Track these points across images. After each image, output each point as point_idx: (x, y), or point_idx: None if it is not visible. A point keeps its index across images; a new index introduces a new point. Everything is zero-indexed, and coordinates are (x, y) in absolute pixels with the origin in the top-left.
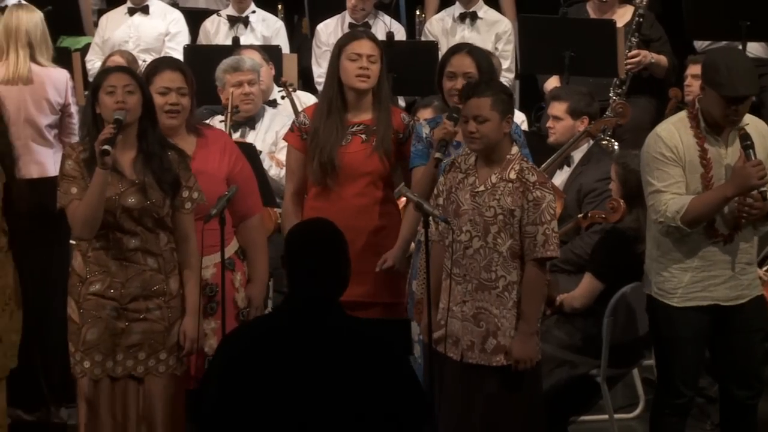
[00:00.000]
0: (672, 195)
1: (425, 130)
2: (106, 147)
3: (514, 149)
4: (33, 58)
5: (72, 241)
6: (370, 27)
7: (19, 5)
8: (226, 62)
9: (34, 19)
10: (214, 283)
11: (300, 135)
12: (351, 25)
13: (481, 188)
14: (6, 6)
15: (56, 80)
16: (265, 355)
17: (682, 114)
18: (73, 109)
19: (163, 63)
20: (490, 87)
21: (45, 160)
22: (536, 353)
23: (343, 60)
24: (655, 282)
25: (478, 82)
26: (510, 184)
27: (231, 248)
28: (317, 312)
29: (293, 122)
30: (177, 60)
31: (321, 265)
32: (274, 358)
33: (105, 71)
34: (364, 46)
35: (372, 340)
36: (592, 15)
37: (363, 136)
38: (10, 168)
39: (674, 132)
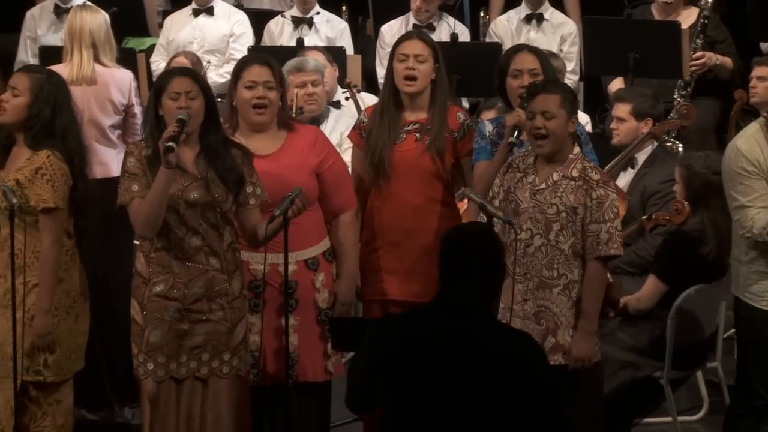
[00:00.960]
0: (758, 209)
1: (488, 128)
2: (171, 144)
3: (576, 149)
4: (97, 59)
5: (135, 242)
6: (434, 28)
7: (83, 6)
8: (290, 63)
9: (98, 19)
10: (293, 280)
11: (360, 134)
12: (415, 27)
13: (542, 186)
14: (71, 7)
15: (120, 81)
16: (416, 350)
17: (757, 124)
18: (137, 109)
19: (252, 58)
20: (559, 85)
21: (108, 161)
22: (595, 353)
23: (394, 61)
24: (743, 285)
25: (547, 80)
26: (573, 182)
27: (320, 247)
28: (471, 314)
29: (356, 121)
30: (266, 55)
31: (480, 267)
32: (427, 355)
33: (168, 74)
34: (411, 47)
35: (521, 350)
36: (657, 16)
37: (417, 134)
38: (80, 168)
39: (754, 144)
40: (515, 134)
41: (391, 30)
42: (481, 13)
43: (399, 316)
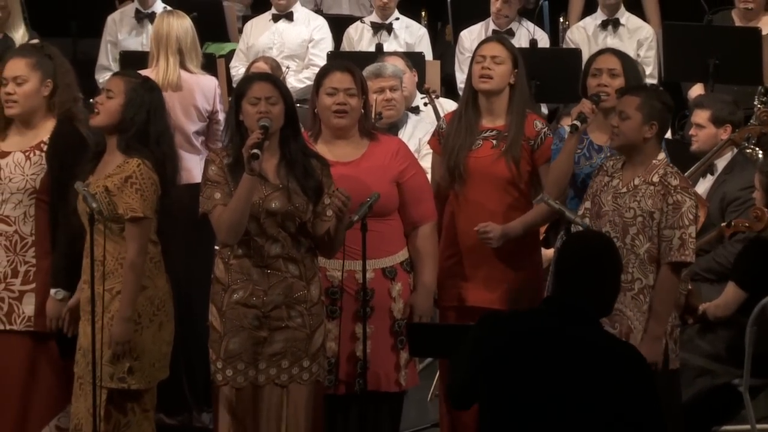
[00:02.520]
0: None
1: (568, 132)
2: (255, 151)
3: (661, 156)
4: (182, 65)
5: (216, 248)
6: (513, 34)
7: (169, 12)
8: (369, 69)
9: (184, 25)
10: (370, 288)
11: (439, 140)
12: (494, 32)
13: (624, 190)
14: (151, 12)
15: (205, 87)
16: (519, 349)
17: None
18: (221, 116)
19: (334, 65)
20: (646, 90)
21: (192, 167)
22: (661, 356)
23: (473, 63)
24: None
25: (638, 84)
26: (652, 187)
27: (398, 257)
28: (582, 321)
29: (435, 128)
30: (348, 62)
31: (597, 278)
32: (532, 356)
33: (248, 79)
34: (489, 49)
35: (629, 359)
36: (737, 22)
37: (493, 141)
38: (171, 174)
39: None
40: (582, 121)
41: (471, 35)
42: (561, 19)
43: (505, 314)
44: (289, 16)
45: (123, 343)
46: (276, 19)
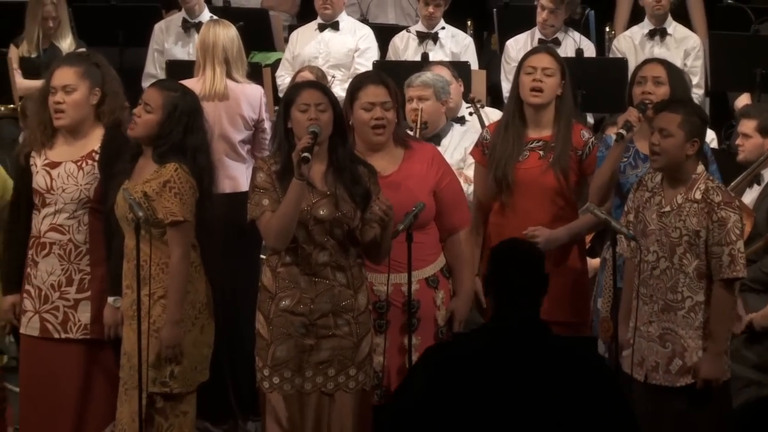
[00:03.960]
0: None
1: (614, 140)
2: (306, 154)
3: (700, 168)
4: (229, 74)
5: (262, 256)
6: (559, 43)
7: (215, 21)
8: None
9: (230, 34)
10: (416, 299)
11: (483, 150)
12: (540, 41)
13: (667, 208)
14: (198, 22)
15: (251, 96)
16: (475, 373)
17: None
18: (267, 124)
19: (368, 78)
20: (685, 106)
21: (238, 175)
22: (724, 373)
23: (521, 74)
24: None
25: (676, 99)
26: (695, 205)
27: (437, 265)
28: (534, 331)
29: (479, 138)
30: (381, 74)
31: (532, 285)
32: (486, 377)
33: (298, 87)
34: (539, 60)
35: (588, 361)
36: None
37: (541, 152)
38: (208, 187)
39: None
40: (626, 129)
41: (517, 45)
42: (607, 28)
43: (452, 340)
44: (335, 26)
45: (173, 346)
46: (322, 28)
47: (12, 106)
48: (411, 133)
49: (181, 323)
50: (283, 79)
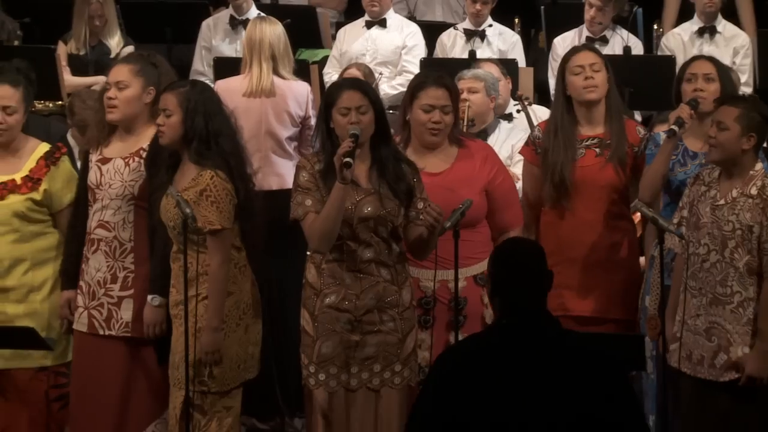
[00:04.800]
0: None
1: (663, 138)
2: (348, 159)
3: (758, 166)
4: (275, 71)
5: (308, 252)
6: (607, 41)
7: (262, 18)
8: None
9: (276, 31)
10: (463, 297)
11: (534, 149)
12: (588, 39)
13: (722, 202)
14: (246, 19)
15: (297, 93)
16: (485, 370)
17: None
18: (313, 121)
19: (430, 79)
20: (746, 101)
21: (284, 172)
22: None
23: (568, 75)
24: None
25: (737, 95)
26: (750, 200)
27: (486, 263)
28: (539, 325)
29: (529, 136)
30: (444, 76)
31: (536, 280)
32: (495, 373)
33: (338, 87)
34: (584, 58)
35: (593, 354)
36: None
37: (597, 149)
38: (238, 170)
39: None
40: (677, 125)
41: (564, 42)
42: (655, 26)
43: (467, 338)
44: (383, 23)
45: (213, 352)
46: (369, 25)
47: (60, 102)
48: None
49: (220, 329)
50: (331, 76)
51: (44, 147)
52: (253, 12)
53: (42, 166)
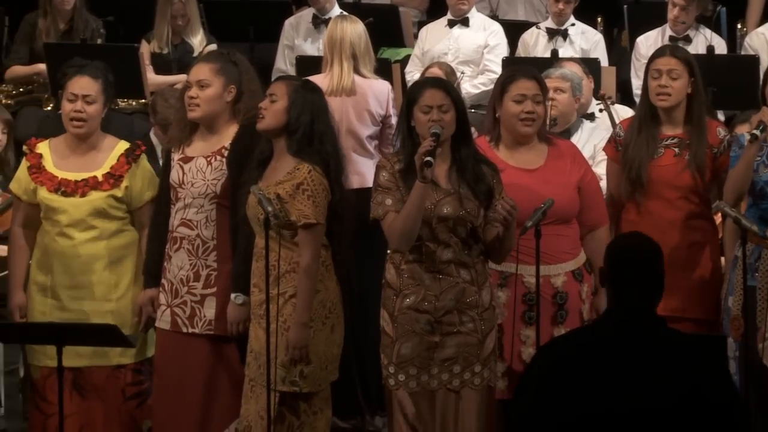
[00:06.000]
0: None
1: (746, 138)
2: (429, 159)
3: None
4: (356, 70)
5: (388, 252)
6: (690, 40)
7: (343, 17)
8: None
9: (357, 30)
10: (564, 291)
11: (616, 147)
12: (671, 38)
13: None
14: (328, 18)
15: (378, 92)
16: (590, 365)
17: None
18: (394, 120)
19: (520, 71)
20: None
21: (365, 171)
22: None
23: (648, 77)
24: None
25: None
26: None
27: (581, 259)
28: (646, 324)
29: (611, 134)
30: (533, 68)
31: (648, 278)
32: (599, 368)
33: (420, 86)
34: (664, 63)
35: (700, 353)
36: None
37: (676, 149)
38: (336, 173)
39: None
40: (760, 129)
41: (647, 41)
42: (738, 25)
43: (569, 333)
44: (465, 22)
45: (301, 347)
46: (452, 24)
47: (143, 101)
48: None
49: (309, 325)
50: (413, 75)
51: (124, 144)
52: (336, 11)
53: (123, 163)
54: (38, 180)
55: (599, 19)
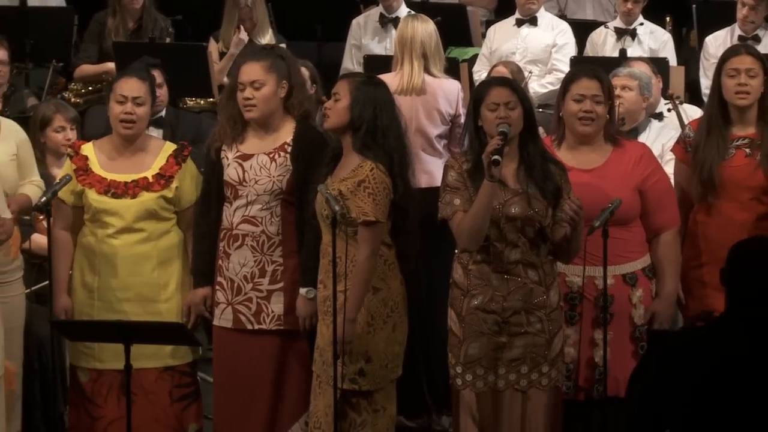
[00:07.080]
0: None
1: None
2: (496, 157)
3: None
4: (426, 69)
5: (456, 252)
6: (759, 40)
7: (413, 16)
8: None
9: (428, 29)
10: (610, 294)
11: (684, 147)
12: (740, 38)
13: None
14: (395, 17)
15: (448, 91)
16: (700, 367)
17: None
18: (463, 119)
19: (582, 71)
20: None
21: (434, 170)
22: None
23: (723, 76)
24: None
25: None
26: None
27: (639, 263)
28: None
29: (680, 134)
30: (597, 68)
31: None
32: (711, 371)
33: (486, 84)
34: (741, 61)
35: None
36: None
37: (747, 150)
38: (400, 167)
39: None
40: None
41: (716, 41)
42: None
43: (685, 332)
44: (533, 21)
45: (346, 343)
46: (520, 23)
47: (211, 99)
48: None
49: (355, 321)
50: (480, 74)
51: (171, 145)
52: (404, 10)
53: (173, 164)
54: (86, 182)
55: (668, 19)
